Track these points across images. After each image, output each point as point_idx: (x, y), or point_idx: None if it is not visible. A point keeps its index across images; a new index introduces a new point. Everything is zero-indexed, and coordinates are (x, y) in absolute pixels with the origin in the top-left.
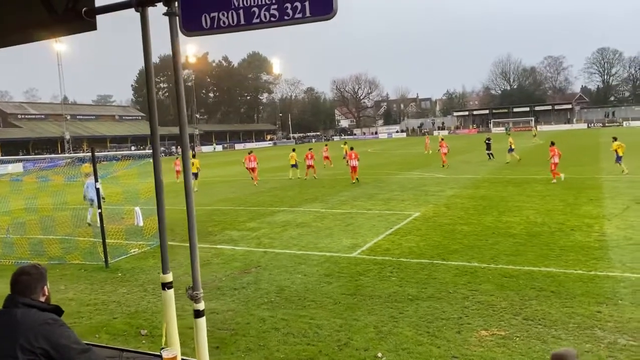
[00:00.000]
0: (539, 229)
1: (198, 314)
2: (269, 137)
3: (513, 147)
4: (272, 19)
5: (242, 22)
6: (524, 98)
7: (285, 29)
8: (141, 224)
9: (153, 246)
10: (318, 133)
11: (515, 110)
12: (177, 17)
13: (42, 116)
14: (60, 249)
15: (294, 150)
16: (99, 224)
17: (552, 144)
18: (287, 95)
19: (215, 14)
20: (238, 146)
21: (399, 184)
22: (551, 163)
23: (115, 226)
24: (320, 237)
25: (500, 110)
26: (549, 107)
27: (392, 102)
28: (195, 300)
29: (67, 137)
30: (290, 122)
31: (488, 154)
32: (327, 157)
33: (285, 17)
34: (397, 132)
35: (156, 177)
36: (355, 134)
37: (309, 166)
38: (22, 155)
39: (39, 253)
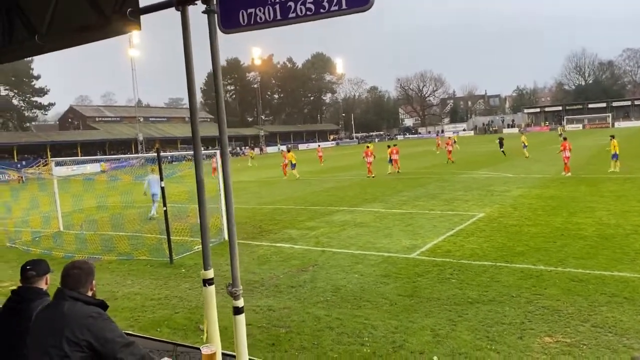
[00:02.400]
0: (613, 231)
1: (237, 310)
2: (331, 137)
3: (526, 144)
4: (309, 12)
5: (279, 17)
6: (600, 93)
7: (349, 28)
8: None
9: (216, 243)
10: (381, 132)
11: (590, 106)
12: (216, 15)
13: (118, 119)
14: (129, 245)
15: (389, 146)
16: (163, 220)
17: (565, 139)
18: (350, 95)
19: (253, 10)
20: (302, 146)
21: (463, 184)
22: (563, 157)
23: (180, 224)
24: (378, 237)
25: (575, 107)
26: (628, 103)
27: (458, 100)
28: (235, 297)
29: (140, 138)
30: (353, 122)
31: (502, 151)
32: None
33: (322, 10)
34: (463, 130)
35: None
36: (420, 133)
37: (394, 161)
38: (100, 155)
39: (109, 249)
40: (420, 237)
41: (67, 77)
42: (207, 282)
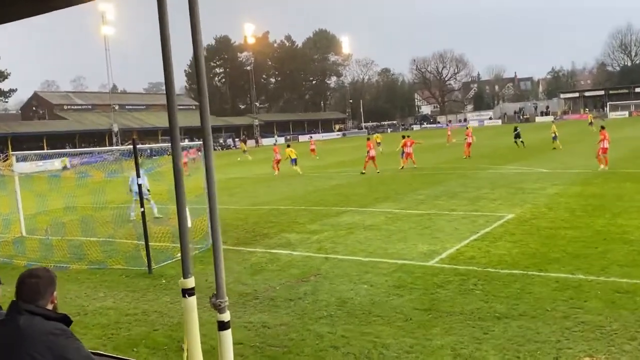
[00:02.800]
0: None
1: (222, 325)
2: (337, 127)
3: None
4: None
5: None
6: None
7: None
8: (189, 224)
9: (202, 250)
10: (394, 121)
11: (638, 90)
12: None
13: (89, 107)
14: (101, 253)
15: (403, 137)
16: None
17: (602, 127)
18: (359, 79)
19: None
20: (302, 138)
21: (489, 180)
22: (600, 148)
23: (161, 227)
24: (391, 242)
25: (619, 91)
26: None
27: (483, 84)
28: (219, 309)
29: (115, 129)
30: (362, 110)
31: (520, 142)
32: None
33: None
34: (489, 118)
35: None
36: (439, 122)
37: (406, 154)
38: (69, 149)
39: (78, 257)
40: (439, 241)
41: (31, 60)
42: (187, 292)
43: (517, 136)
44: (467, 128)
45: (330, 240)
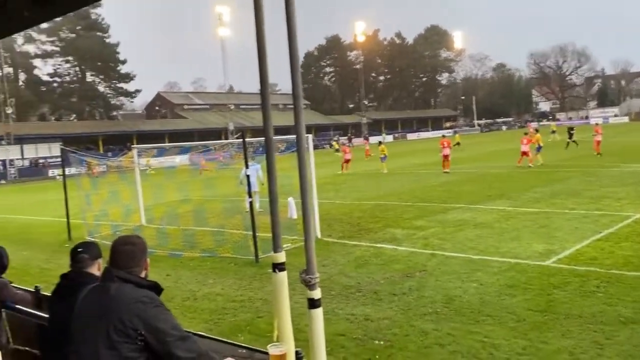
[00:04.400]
0: None
1: (313, 303)
2: (448, 124)
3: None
4: None
5: None
6: None
7: None
8: (295, 216)
9: None
10: (510, 119)
11: None
12: None
13: (207, 106)
14: (212, 241)
15: (537, 130)
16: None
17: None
18: (472, 75)
19: None
20: (411, 136)
21: (616, 178)
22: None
23: (268, 218)
24: (503, 240)
25: None
26: None
27: (608, 79)
28: (310, 286)
29: (231, 127)
30: (474, 106)
31: (573, 141)
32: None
33: None
34: (615, 116)
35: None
36: (558, 119)
37: (523, 153)
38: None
39: (191, 245)
40: (557, 241)
41: (156, 62)
42: (278, 267)
43: (570, 135)
44: (596, 125)
45: (438, 237)
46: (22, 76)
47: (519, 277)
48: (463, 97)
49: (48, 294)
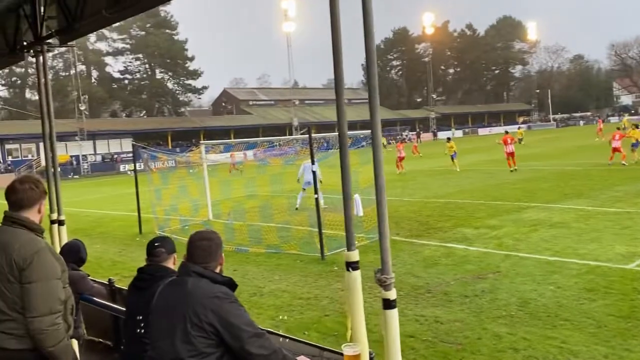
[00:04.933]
0: None
1: (388, 304)
2: (521, 119)
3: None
4: None
5: None
6: None
7: None
8: (361, 213)
9: (373, 240)
10: (588, 113)
11: None
12: None
13: (272, 102)
14: (278, 238)
15: (637, 126)
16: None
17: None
18: (547, 67)
19: None
20: (482, 131)
21: None
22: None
23: (334, 215)
24: (582, 242)
25: None
26: None
27: None
28: (385, 286)
29: (295, 123)
30: (550, 100)
31: None
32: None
33: None
34: None
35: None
36: None
37: (615, 149)
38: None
39: (257, 240)
40: None
41: (222, 59)
42: (351, 266)
43: None
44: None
45: (512, 237)
46: (94, 73)
47: (599, 280)
48: (538, 91)
49: (121, 286)
